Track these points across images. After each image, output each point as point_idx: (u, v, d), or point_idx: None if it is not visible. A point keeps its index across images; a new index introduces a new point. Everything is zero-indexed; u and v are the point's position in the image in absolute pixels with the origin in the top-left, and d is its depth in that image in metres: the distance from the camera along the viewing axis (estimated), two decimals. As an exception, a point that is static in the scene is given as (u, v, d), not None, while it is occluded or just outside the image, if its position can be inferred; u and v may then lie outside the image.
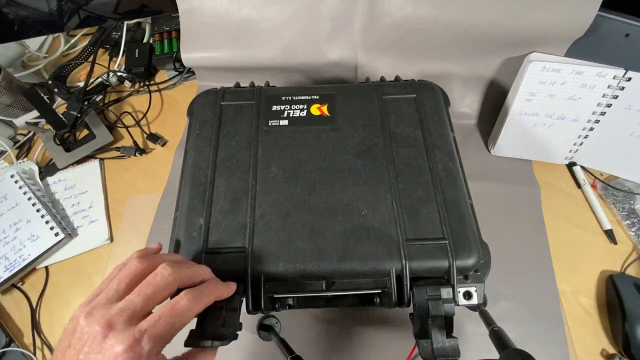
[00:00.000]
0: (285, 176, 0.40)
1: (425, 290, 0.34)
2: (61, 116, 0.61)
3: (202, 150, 0.43)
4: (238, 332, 0.32)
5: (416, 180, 0.40)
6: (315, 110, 0.46)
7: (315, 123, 0.45)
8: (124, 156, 0.64)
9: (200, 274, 0.30)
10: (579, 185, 0.58)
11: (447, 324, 0.32)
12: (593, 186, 0.57)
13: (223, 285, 0.31)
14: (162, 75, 0.75)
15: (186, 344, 0.29)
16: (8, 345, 0.48)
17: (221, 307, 0.31)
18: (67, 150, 0.62)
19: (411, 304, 0.35)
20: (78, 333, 0.23)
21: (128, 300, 0.24)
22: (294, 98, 0.47)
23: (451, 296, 0.34)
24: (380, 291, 0.37)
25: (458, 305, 0.35)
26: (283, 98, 0.47)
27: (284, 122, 0.45)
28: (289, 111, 0.46)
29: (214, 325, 0.30)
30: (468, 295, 0.36)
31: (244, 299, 0.34)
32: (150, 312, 0.25)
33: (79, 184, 0.61)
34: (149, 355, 0.23)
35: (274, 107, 0.46)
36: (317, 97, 0.47)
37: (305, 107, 0.46)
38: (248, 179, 0.40)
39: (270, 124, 0.44)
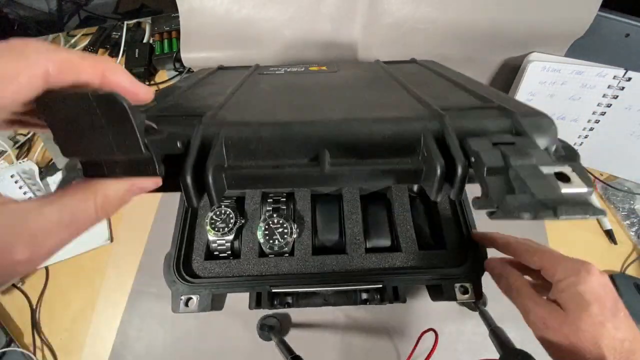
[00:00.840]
0: (278, 89, 0.34)
1: (490, 139, 0.20)
2: (61, 116, 0.61)
3: (180, 84, 0.36)
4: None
5: (440, 88, 0.32)
6: (313, 68, 0.44)
7: (314, 73, 0.42)
8: (124, 156, 0.64)
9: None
10: (579, 185, 0.58)
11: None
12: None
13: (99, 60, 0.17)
14: (162, 75, 0.75)
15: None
16: (8, 345, 0.48)
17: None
18: (67, 150, 0.62)
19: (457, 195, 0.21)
20: None
21: None
22: (292, 65, 0.46)
23: (535, 147, 0.20)
24: (409, 169, 0.22)
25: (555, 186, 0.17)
26: (280, 65, 0.46)
27: (280, 72, 0.42)
28: (285, 69, 0.44)
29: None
30: (564, 179, 0.17)
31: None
32: None
33: (79, 184, 0.61)
34: None
35: (271, 69, 0.44)
36: (316, 64, 0.46)
37: (303, 67, 0.44)
38: (229, 88, 0.32)
39: (264, 73, 0.42)
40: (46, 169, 0.63)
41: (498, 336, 0.34)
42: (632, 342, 0.25)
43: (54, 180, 0.61)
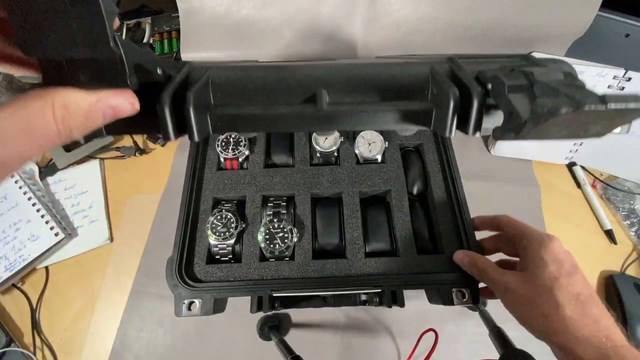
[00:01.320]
0: (274, 67, 0.32)
1: (507, 67, 0.19)
2: (61, 116, 0.61)
3: None
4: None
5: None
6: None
7: (312, 62, 0.43)
8: (124, 156, 0.64)
9: None
10: (579, 185, 0.58)
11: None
12: (593, 186, 0.57)
13: None
14: (162, 75, 0.75)
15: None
16: (8, 345, 0.48)
17: None
18: (67, 150, 0.62)
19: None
20: None
21: None
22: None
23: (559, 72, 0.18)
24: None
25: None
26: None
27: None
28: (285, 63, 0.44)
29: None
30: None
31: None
32: None
33: (79, 184, 0.61)
34: None
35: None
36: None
37: (302, 62, 0.45)
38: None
39: (262, 63, 0.43)
40: (46, 169, 0.62)
41: (498, 336, 0.34)
42: (587, 297, 0.27)
43: (54, 180, 0.61)
